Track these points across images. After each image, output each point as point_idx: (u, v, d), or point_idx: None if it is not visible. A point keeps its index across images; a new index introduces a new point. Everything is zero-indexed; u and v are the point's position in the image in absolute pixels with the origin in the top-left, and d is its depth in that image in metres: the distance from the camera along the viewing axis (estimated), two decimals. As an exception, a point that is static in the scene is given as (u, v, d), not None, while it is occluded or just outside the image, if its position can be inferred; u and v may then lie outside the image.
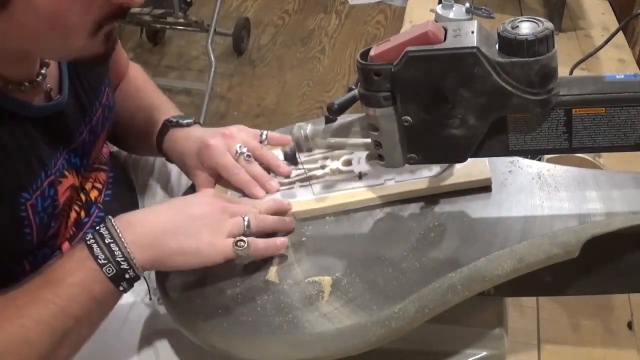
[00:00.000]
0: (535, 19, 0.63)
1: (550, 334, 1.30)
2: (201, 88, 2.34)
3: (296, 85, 2.62)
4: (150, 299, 0.85)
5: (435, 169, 0.78)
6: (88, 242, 0.66)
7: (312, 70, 2.72)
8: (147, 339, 0.81)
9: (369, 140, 0.73)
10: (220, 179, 0.84)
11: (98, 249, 0.65)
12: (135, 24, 2.64)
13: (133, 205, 0.98)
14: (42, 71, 0.76)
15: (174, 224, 0.69)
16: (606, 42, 1.06)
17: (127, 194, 0.97)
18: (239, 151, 0.83)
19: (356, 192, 0.78)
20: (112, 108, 0.90)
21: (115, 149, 1.08)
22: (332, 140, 0.75)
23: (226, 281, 0.72)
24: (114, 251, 0.65)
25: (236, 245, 0.69)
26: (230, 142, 0.84)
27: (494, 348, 0.77)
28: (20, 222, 0.71)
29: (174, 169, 1.07)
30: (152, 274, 0.80)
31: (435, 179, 0.77)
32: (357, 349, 0.65)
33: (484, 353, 0.76)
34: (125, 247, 0.65)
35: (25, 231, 0.73)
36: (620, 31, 1.79)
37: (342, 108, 0.71)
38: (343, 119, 0.74)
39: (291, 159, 0.80)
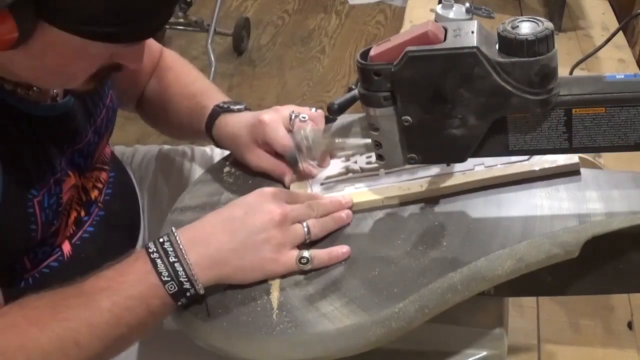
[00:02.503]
0: (535, 19, 0.63)
1: (550, 334, 1.30)
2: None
3: (296, 85, 2.62)
4: None
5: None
6: (152, 256, 0.65)
7: (312, 70, 2.72)
8: (147, 339, 0.81)
9: (369, 140, 0.73)
10: (275, 155, 0.83)
11: (162, 265, 0.65)
12: (135, 24, 2.64)
13: (133, 204, 0.98)
14: None
15: (236, 241, 0.68)
16: (606, 42, 1.06)
17: (127, 194, 0.98)
18: (292, 115, 0.81)
19: (414, 183, 0.78)
20: (116, 110, 0.91)
21: (118, 148, 1.08)
22: (332, 141, 0.75)
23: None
24: (177, 271, 0.65)
25: (299, 262, 0.68)
26: (282, 112, 0.83)
27: (494, 348, 0.77)
28: (27, 218, 0.72)
29: (175, 164, 1.07)
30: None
31: (522, 165, 0.77)
32: (357, 349, 0.64)
33: (484, 353, 0.76)
34: (190, 269, 0.65)
35: (31, 227, 0.73)
36: (620, 31, 1.79)
37: (342, 108, 0.71)
38: (343, 119, 0.74)
39: (292, 161, 0.80)
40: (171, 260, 0.65)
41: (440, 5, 1.71)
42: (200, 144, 1.07)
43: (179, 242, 0.66)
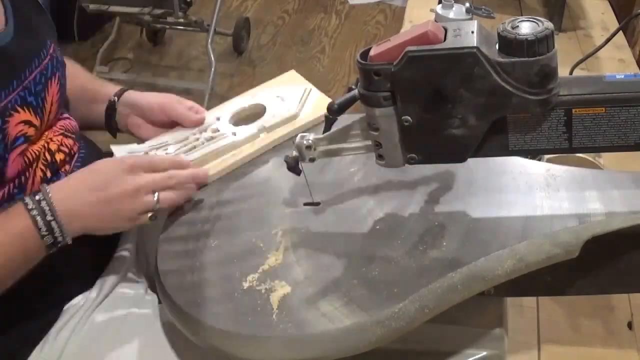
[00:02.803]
0: (535, 18, 0.63)
1: (550, 334, 1.30)
2: (201, 88, 2.35)
3: (296, 85, 2.61)
4: (159, 303, 0.86)
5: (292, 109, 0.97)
6: (31, 213, 0.75)
7: (312, 70, 2.72)
8: (146, 339, 0.81)
9: (369, 141, 0.73)
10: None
11: (41, 222, 0.75)
12: (136, 24, 2.64)
13: None
14: None
15: (92, 206, 0.78)
16: (606, 42, 1.06)
17: None
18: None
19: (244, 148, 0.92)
20: (62, 64, 0.94)
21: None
22: (334, 146, 0.75)
23: (226, 281, 0.72)
24: (53, 228, 0.75)
25: (151, 220, 0.80)
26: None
27: (494, 348, 0.77)
28: None
29: None
30: (152, 275, 0.81)
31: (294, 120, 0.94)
32: (357, 349, 0.65)
33: (484, 353, 0.76)
34: (61, 226, 0.76)
35: None
36: (620, 31, 1.79)
37: (342, 108, 0.71)
38: (343, 120, 0.74)
39: (293, 168, 0.80)
40: (48, 218, 0.75)
41: (440, 5, 1.71)
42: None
43: (53, 202, 0.76)
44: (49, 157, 0.86)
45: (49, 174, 0.85)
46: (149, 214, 0.79)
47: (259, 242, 0.77)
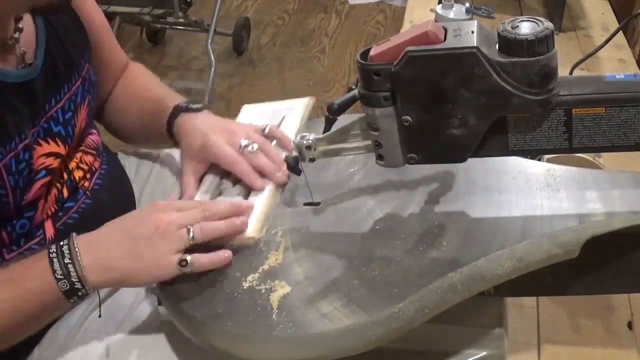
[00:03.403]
0: (535, 18, 0.63)
1: (550, 334, 1.30)
2: (201, 88, 2.35)
3: (296, 85, 2.62)
4: (159, 304, 0.85)
5: None
6: (50, 255, 0.71)
7: (312, 70, 2.73)
8: (147, 339, 0.81)
9: (369, 141, 0.73)
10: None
11: (57, 264, 0.70)
12: (135, 24, 2.64)
13: (126, 200, 0.98)
14: (15, 35, 0.78)
15: (124, 249, 0.72)
16: (606, 42, 1.06)
17: (120, 189, 0.98)
18: (242, 144, 0.84)
19: None
20: (94, 85, 0.92)
21: (123, 154, 1.08)
22: (334, 146, 0.75)
23: (227, 281, 0.72)
24: (70, 271, 0.70)
25: (180, 265, 0.72)
26: (232, 137, 0.85)
27: (494, 348, 0.77)
28: None
29: (175, 165, 1.07)
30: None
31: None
32: (357, 349, 0.64)
33: (484, 353, 0.76)
34: (82, 270, 0.70)
35: (1, 192, 0.74)
36: (620, 31, 1.79)
37: (342, 108, 0.71)
38: (343, 119, 0.74)
39: (293, 167, 0.80)
40: (66, 261, 0.70)
41: (440, 5, 1.71)
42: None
43: (75, 246, 0.71)
44: (65, 175, 0.85)
45: (65, 193, 0.85)
46: (180, 259, 0.72)
47: (259, 242, 0.77)
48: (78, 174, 0.88)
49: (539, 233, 0.69)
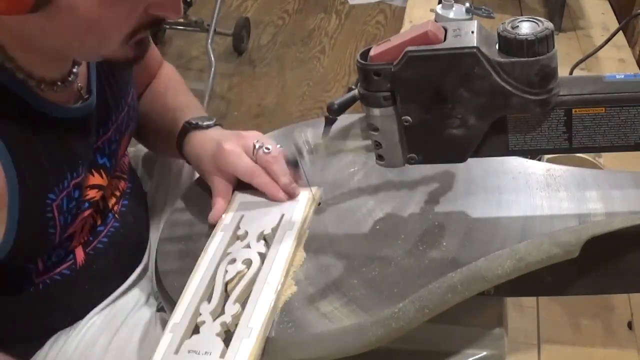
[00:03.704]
0: (535, 19, 0.63)
1: (550, 334, 1.30)
2: (201, 88, 2.34)
3: (296, 85, 2.62)
4: (159, 307, 0.85)
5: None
6: None
7: (312, 70, 2.72)
8: (147, 339, 0.81)
9: (369, 141, 0.73)
10: (238, 183, 0.83)
11: None
12: (135, 24, 2.64)
13: (144, 217, 0.97)
14: (74, 70, 0.76)
15: None
16: (606, 42, 1.06)
17: (140, 207, 0.97)
18: (257, 145, 0.81)
19: None
20: (136, 109, 0.90)
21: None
22: (333, 143, 0.75)
23: (226, 281, 0.72)
24: None
25: None
26: (245, 141, 0.82)
27: (494, 348, 0.77)
28: (46, 222, 0.72)
29: (176, 165, 1.07)
30: (153, 277, 0.81)
31: None
32: (357, 349, 0.64)
33: (484, 353, 0.76)
34: None
35: (50, 231, 0.73)
36: (620, 31, 1.79)
37: (342, 108, 0.71)
38: (343, 120, 0.74)
39: (293, 164, 0.80)
40: None
41: (440, 5, 1.71)
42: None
43: None
44: (101, 205, 0.84)
45: (99, 222, 0.84)
46: None
47: None
48: (112, 202, 0.87)
49: (539, 233, 0.69)
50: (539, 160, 0.91)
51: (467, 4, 1.69)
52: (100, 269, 0.83)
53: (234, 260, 0.72)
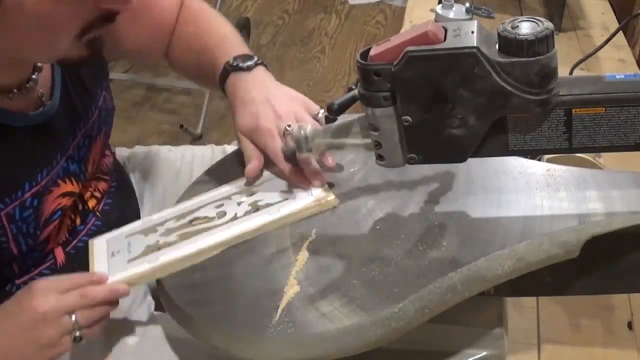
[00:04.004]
0: (535, 18, 0.63)
1: (550, 334, 1.30)
2: (201, 88, 2.34)
3: (296, 85, 2.59)
4: (157, 307, 0.85)
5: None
6: None
7: (312, 70, 2.72)
8: (147, 339, 0.81)
9: (368, 140, 0.73)
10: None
11: None
12: (135, 24, 2.64)
13: (133, 214, 0.97)
14: (34, 76, 0.75)
15: (15, 339, 0.69)
16: (606, 42, 1.06)
17: (127, 204, 0.96)
18: (286, 130, 0.80)
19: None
20: (110, 112, 0.89)
21: (122, 154, 1.07)
22: (332, 140, 0.75)
23: (227, 281, 0.72)
24: None
25: (75, 341, 0.70)
26: (280, 123, 0.81)
27: (494, 348, 0.77)
28: None
29: (175, 165, 1.07)
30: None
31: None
32: (357, 349, 0.64)
33: (484, 353, 0.76)
34: None
35: (1, 240, 0.72)
36: (620, 31, 1.79)
37: (342, 108, 0.71)
38: (343, 119, 0.74)
39: (291, 159, 0.80)
40: None
41: (440, 5, 1.71)
42: (201, 143, 1.07)
43: None
44: (80, 207, 0.84)
45: (78, 222, 0.83)
46: (73, 336, 0.70)
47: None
48: (92, 203, 0.86)
49: (539, 233, 0.69)
50: (539, 160, 0.91)
51: (467, 4, 1.69)
52: (84, 267, 0.82)
53: (216, 207, 0.80)
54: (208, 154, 1.10)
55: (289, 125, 0.79)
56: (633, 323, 1.31)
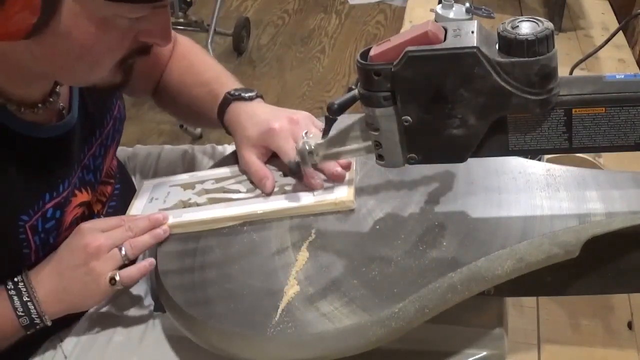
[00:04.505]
0: (535, 18, 0.63)
1: (550, 334, 1.30)
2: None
3: (296, 85, 2.62)
4: (156, 307, 0.85)
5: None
6: (9, 293, 0.73)
7: (312, 70, 2.72)
8: (147, 339, 0.81)
9: (369, 143, 0.73)
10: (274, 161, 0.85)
11: (18, 302, 0.73)
12: (135, 24, 2.64)
13: None
14: (57, 90, 0.76)
15: (67, 278, 0.75)
16: (606, 42, 1.06)
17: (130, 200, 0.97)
18: (304, 137, 0.79)
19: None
20: (123, 120, 0.90)
21: (123, 154, 1.07)
22: (335, 150, 0.75)
23: (227, 281, 0.72)
24: (30, 309, 0.73)
25: (111, 284, 0.75)
26: (296, 128, 0.83)
27: (494, 348, 0.77)
28: (18, 243, 0.73)
29: (176, 164, 1.07)
30: (152, 276, 0.80)
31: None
32: (357, 349, 0.64)
33: (484, 353, 0.76)
34: (39, 306, 0.74)
35: (24, 252, 0.74)
36: (620, 31, 1.79)
37: (342, 108, 0.71)
38: (343, 119, 0.74)
39: (296, 172, 0.81)
40: (25, 299, 0.73)
41: (440, 5, 1.71)
42: (201, 142, 1.07)
43: (30, 283, 0.74)
44: (87, 212, 0.85)
45: None
46: (110, 277, 0.75)
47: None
48: (97, 207, 0.87)
49: (539, 233, 0.69)
50: (539, 160, 0.91)
51: (467, 4, 1.69)
52: None
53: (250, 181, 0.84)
54: (208, 154, 1.10)
55: (306, 132, 0.79)
56: (633, 323, 1.31)
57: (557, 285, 0.74)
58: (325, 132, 0.75)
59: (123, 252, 0.76)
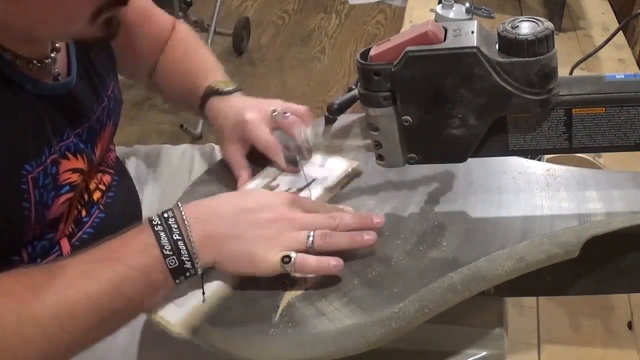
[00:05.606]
0: (535, 18, 0.63)
1: (550, 334, 1.30)
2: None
3: (296, 85, 2.62)
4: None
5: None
6: (156, 229, 0.64)
7: (312, 70, 2.73)
8: (147, 339, 0.81)
9: (368, 141, 0.73)
10: (254, 156, 0.86)
11: (166, 239, 0.64)
12: (135, 24, 2.64)
13: (135, 209, 0.98)
14: (52, 55, 0.77)
15: (237, 230, 0.67)
16: (606, 42, 1.06)
17: (129, 199, 0.97)
18: (276, 112, 0.83)
19: None
20: (119, 103, 0.91)
21: (122, 152, 1.08)
22: (332, 142, 0.75)
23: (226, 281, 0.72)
24: (180, 249, 0.64)
25: (282, 261, 0.66)
26: (265, 111, 0.85)
27: (494, 348, 0.77)
28: (19, 194, 0.70)
29: (175, 164, 1.07)
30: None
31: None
32: (357, 349, 0.64)
33: (484, 353, 0.76)
34: (193, 248, 0.64)
35: (24, 205, 0.72)
36: (620, 31, 1.79)
37: (342, 108, 0.71)
38: (343, 119, 0.74)
39: (292, 163, 0.81)
40: (175, 237, 0.64)
41: (440, 5, 1.71)
42: (201, 142, 1.08)
43: (184, 218, 0.65)
44: (86, 197, 0.85)
45: (83, 213, 0.84)
46: (284, 254, 0.66)
47: None
48: (97, 195, 0.87)
49: (539, 233, 0.69)
50: (539, 160, 0.91)
51: (467, 4, 1.69)
52: None
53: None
54: (208, 154, 1.10)
55: (275, 109, 0.83)
56: (633, 323, 1.32)
57: (557, 285, 0.74)
58: (325, 131, 0.75)
59: (311, 240, 0.67)
